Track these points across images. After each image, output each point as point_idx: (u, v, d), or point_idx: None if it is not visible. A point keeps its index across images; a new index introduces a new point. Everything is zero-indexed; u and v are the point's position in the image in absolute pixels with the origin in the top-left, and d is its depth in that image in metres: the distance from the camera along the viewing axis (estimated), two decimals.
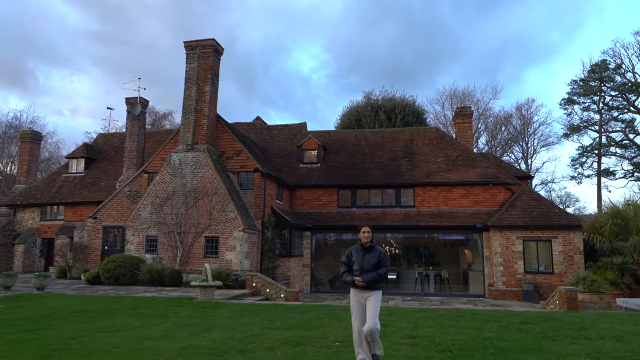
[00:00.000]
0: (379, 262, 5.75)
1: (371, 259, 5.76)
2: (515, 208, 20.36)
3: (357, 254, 5.85)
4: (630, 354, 6.37)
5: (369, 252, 5.83)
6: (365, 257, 5.79)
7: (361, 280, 5.61)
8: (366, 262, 5.74)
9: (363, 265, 5.73)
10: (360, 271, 5.72)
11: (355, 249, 5.94)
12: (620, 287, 15.41)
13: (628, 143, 43.55)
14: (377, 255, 5.79)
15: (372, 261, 5.74)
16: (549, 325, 8.61)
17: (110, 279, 16.73)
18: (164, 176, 18.71)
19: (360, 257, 5.80)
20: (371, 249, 5.86)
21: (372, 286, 5.66)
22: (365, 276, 5.62)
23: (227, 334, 7.93)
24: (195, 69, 19.36)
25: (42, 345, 7.20)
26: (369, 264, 5.72)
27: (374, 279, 5.63)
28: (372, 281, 5.61)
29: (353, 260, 5.85)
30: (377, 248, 5.91)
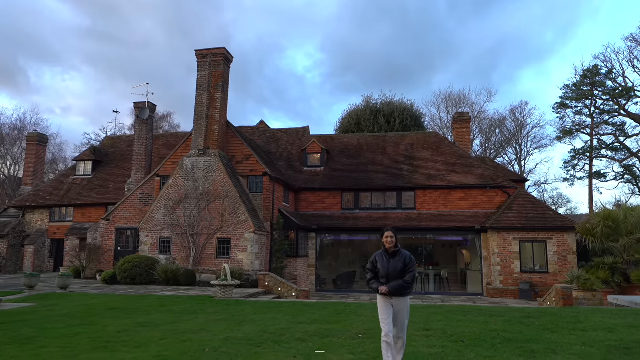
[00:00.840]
0: (404, 267, 5.54)
1: (397, 264, 5.56)
2: (512, 210, 21.32)
3: (381, 260, 5.68)
4: (620, 342, 7.26)
5: (393, 257, 5.62)
6: (390, 262, 5.59)
7: (386, 289, 5.45)
8: (391, 268, 5.55)
9: (389, 271, 5.55)
10: (386, 278, 5.54)
11: (379, 254, 5.78)
12: (611, 286, 16.41)
13: (619, 146, 44.81)
14: (403, 260, 5.57)
15: (397, 266, 5.54)
16: (548, 319, 9.51)
17: (126, 279, 17.46)
18: (176, 180, 19.47)
19: (385, 262, 5.62)
20: (396, 253, 5.65)
21: (399, 293, 5.49)
22: (391, 285, 5.45)
23: (258, 327, 8.75)
24: (207, 76, 20.12)
25: (94, 338, 7.98)
26: (395, 269, 5.53)
27: (400, 286, 5.45)
28: (399, 289, 5.45)
29: (378, 266, 5.67)
30: (403, 252, 5.68)
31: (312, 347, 7.23)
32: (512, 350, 6.86)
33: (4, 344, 7.40)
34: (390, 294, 5.45)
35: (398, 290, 5.43)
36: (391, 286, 5.42)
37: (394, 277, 5.49)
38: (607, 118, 44.88)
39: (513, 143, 53.87)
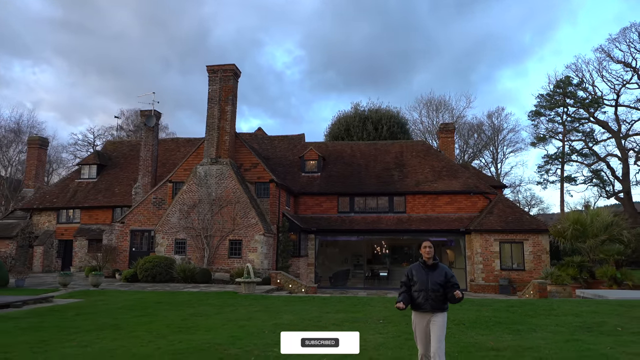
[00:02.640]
0: (446, 280, 5.26)
1: (437, 277, 5.26)
2: (492, 214, 23.67)
3: (419, 272, 5.37)
4: (583, 324, 9.43)
5: (433, 269, 5.35)
6: (429, 275, 5.30)
7: (402, 305, 5.28)
8: (431, 281, 5.25)
9: (428, 285, 5.25)
10: (424, 291, 5.23)
11: (416, 267, 5.48)
12: (579, 281, 18.81)
13: (588, 152, 48.06)
14: (444, 274, 5.30)
15: (438, 280, 5.24)
16: (528, 308, 11.69)
17: (147, 277, 19.05)
18: (190, 186, 21.12)
19: (423, 275, 5.31)
20: (435, 266, 5.38)
21: (439, 307, 5.25)
22: (458, 290, 5.22)
23: (296, 316, 10.64)
24: (217, 90, 21.82)
25: (165, 324, 9.74)
26: (435, 282, 5.23)
27: (458, 299, 5.22)
28: (456, 301, 5.25)
29: (414, 279, 5.36)
30: (442, 266, 5.43)
31: (348, 329, 9.16)
32: (503, 330, 8.94)
33: (97, 330, 9.11)
34: (433, 309, 5.23)
35: (455, 301, 5.23)
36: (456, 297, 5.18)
37: (433, 290, 5.21)
38: (577, 125, 48.10)
39: (490, 147, 56.80)
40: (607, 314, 10.52)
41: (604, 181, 47.84)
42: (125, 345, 7.82)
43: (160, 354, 7.21)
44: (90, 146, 56.74)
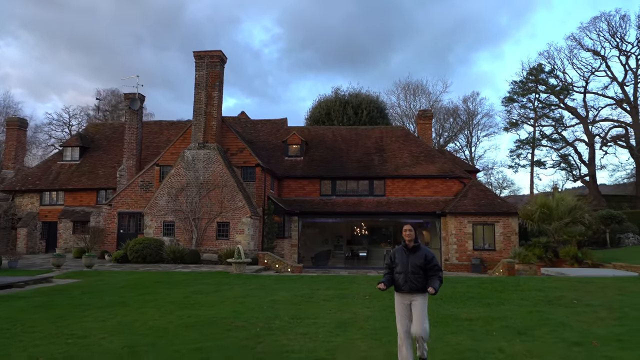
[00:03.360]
0: (426, 263, 5.41)
1: (416, 259, 5.41)
2: (467, 198, 25.03)
3: (400, 255, 5.54)
4: (545, 297, 10.68)
5: (413, 252, 5.49)
6: (410, 257, 5.45)
7: (383, 286, 5.48)
8: (411, 264, 5.41)
9: (407, 267, 5.41)
10: (404, 274, 5.40)
11: (399, 249, 5.64)
12: (544, 260, 20.38)
13: (557, 137, 50.16)
14: (424, 257, 5.43)
15: (417, 262, 5.40)
16: (497, 284, 12.95)
17: (137, 258, 19.68)
18: (178, 170, 21.66)
19: (404, 258, 5.47)
20: (416, 249, 5.51)
21: (418, 289, 5.39)
22: (433, 282, 5.34)
23: (290, 293, 11.60)
24: (204, 76, 22.23)
25: (170, 301, 10.55)
26: (414, 265, 5.39)
27: (439, 284, 5.38)
28: (437, 284, 5.36)
29: (396, 261, 5.54)
30: (423, 248, 5.55)
31: (338, 304, 10.18)
32: (475, 303, 10.10)
33: (107, 307, 9.87)
34: (411, 290, 5.38)
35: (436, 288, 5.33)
36: (435, 286, 5.32)
37: (413, 272, 5.37)
38: (548, 112, 50.05)
39: (465, 131, 58.49)
40: (566, 289, 11.84)
41: (571, 165, 50.16)
42: (139, 320, 8.63)
43: (174, 327, 8.07)
44: (65, 126, 55.98)
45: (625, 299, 10.28)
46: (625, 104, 45.09)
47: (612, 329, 7.74)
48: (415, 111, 54.15)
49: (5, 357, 6.33)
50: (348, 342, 7.03)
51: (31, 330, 7.84)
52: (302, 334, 7.57)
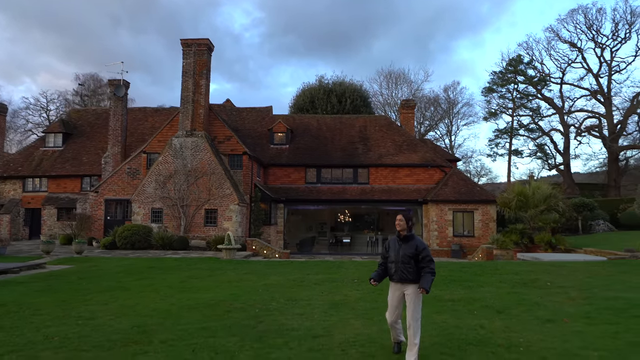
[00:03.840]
0: (416, 253, 5.36)
1: (407, 249, 5.40)
2: (447, 186, 25.86)
3: (393, 245, 5.59)
4: (521, 280, 11.46)
5: (405, 242, 5.48)
6: (402, 247, 5.47)
7: (374, 283, 5.69)
8: (402, 253, 5.43)
9: (398, 256, 5.44)
10: (395, 263, 5.46)
11: (393, 239, 5.70)
12: (520, 246, 21.38)
13: (535, 127, 51.56)
14: (415, 247, 5.40)
15: (407, 252, 5.38)
16: (477, 268, 13.73)
17: (126, 245, 19.92)
18: (166, 157, 21.84)
19: (396, 247, 5.52)
20: (408, 239, 5.49)
21: (409, 279, 5.37)
22: (424, 281, 5.27)
23: (281, 277, 12.13)
24: (192, 64, 22.33)
25: (167, 286, 10.96)
26: (405, 255, 5.38)
27: (431, 279, 5.32)
28: (429, 282, 5.28)
29: (389, 250, 5.63)
30: (416, 239, 5.52)
31: (329, 287, 10.76)
32: (457, 286, 10.81)
33: (107, 291, 10.24)
34: (401, 280, 5.43)
35: (426, 284, 5.26)
36: (426, 283, 5.26)
37: (403, 262, 5.39)
38: (526, 102, 51.35)
39: (445, 119, 59.54)
40: (540, 272, 12.67)
41: (546, 154, 51.75)
42: (140, 303, 9.05)
43: (177, 309, 8.52)
44: (43, 111, 54.96)
45: (593, 281, 11.13)
46: (599, 95, 46.60)
47: (582, 307, 8.51)
48: (397, 100, 54.88)
49: (21, 336, 6.70)
50: (342, 321, 7.61)
51: (39, 313, 8.19)
52: (299, 314, 8.12)
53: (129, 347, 6.19)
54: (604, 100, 46.18)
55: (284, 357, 5.81)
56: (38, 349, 6.13)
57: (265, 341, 6.45)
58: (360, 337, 6.66)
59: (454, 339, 6.57)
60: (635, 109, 44.60)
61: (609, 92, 45.78)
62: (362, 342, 6.43)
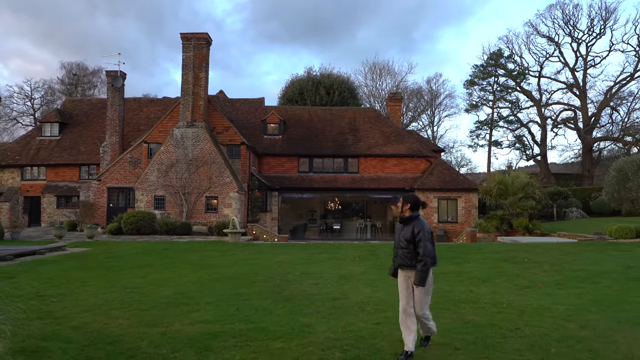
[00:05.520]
0: (413, 237, 4.91)
1: (405, 233, 4.99)
2: (433, 175, 27.45)
3: (397, 228, 5.27)
4: (502, 257, 13.04)
5: (405, 225, 5.07)
6: (400, 231, 5.11)
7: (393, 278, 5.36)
8: (399, 237, 5.07)
9: (398, 240, 5.10)
10: (395, 248, 5.13)
11: (399, 224, 5.34)
12: (500, 230, 23.12)
13: (513, 119, 53.66)
14: (411, 230, 4.93)
15: (405, 236, 4.98)
16: (463, 249, 15.29)
17: (132, 230, 20.95)
18: (167, 147, 22.83)
19: (397, 232, 5.19)
20: (409, 221, 5.03)
21: (408, 264, 4.97)
22: (415, 275, 4.87)
23: (290, 256, 13.46)
24: (191, 57, 23.26)
25: (188, 264, 12.18)
26: (402, 239, 5.01)
27: (421, 272, 4.84)
28: (418, 275, 4.85)
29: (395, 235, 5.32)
30: (416, 221, 5.00)
31: (335, 264, 12.14)
32: (447, 262, 12.31)
33: (137, 268, 11.41)
34: (400, 265, 5.07)
35: (421, 279, 4.85)
36: (419, 279, 4.84)
37: (400, 247, 5.01)
38: (505, 94, 53.35)
39: (427, 110, 61.29)
40: (519, 251, 14.29)
41: (525, 145, 53.97)
42: (173, 277, 10.27)
43: (208, 280, 9.78)
44: (28, 99, 54.74)
45: (564, 258, 12.76)
46: (575, 88, 48.83)
47: (553, 277, 10.07)
48: (381, 91, 56.37)
49: (85, 300, 7.88)
50: (354, 288, 9.00)
51: (87, 284, 9.36)
52: (315, 284, 9.48)
53: (181, 307, 7.45)
54: (579, 94, 48.42)
55: (314, 312, 7.15)
56: (106, 309, 7.34)
57: (294, 302, 7.79)
58: (372, 299, 8.06)
59: (449, 299, 8.02)
60: (608, 102, 46.96)
61: (584, 85, 48.02)
62: (374, 302, 7.82)
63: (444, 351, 5.34)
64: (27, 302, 7.63)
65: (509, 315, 6.89)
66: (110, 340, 5.66)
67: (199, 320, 6.57)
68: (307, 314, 6.96)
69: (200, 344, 5.49)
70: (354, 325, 6.39)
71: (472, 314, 7.04)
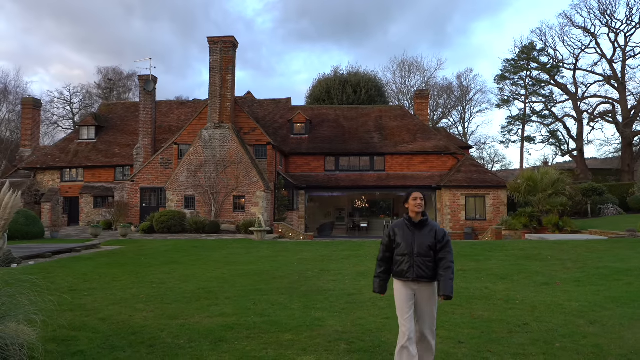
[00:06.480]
0: (436, 243, 4.14)
1: (425, 238, 4.15)
2: (460, 172, 27.19)
3: (403, 232, 4.23)
4: (525, 254, 12.91)
5: (420, 228, 4.20)
6: (416, 235, 4.17)
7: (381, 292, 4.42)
8: (418, 244, 4.13)
9: (414, 247, 4.13)
10: (409, 256, 4.12)
11: (399, 225, 4.32)
12: (529, 228, 22.67)
13: (547, 113, 52.22)
14: (434, 234, 4.17)
15: (427, 241, 4.13)
16: (486, 246, 15.19)
17: (163, 229, 21.73)
18: (196, 148, 23.54)
19: (409, 236, 4.19)
20: (424, 224, 4.23)
21: (428, 275, 4.10)
22: (446, 285, 4.05)
23: (313, 254, 13.75)
24: (218, 60, 23.89)
25: (213, 260, 12.64)
26: (423, 245, 4.12)
27: (452, 280, 4.08)
28: (451, 284, 4.06)
29: (398, 241, 4.22)
30: (432, 223, 4.27)
31: (355, 261, 12.34)
32: (467, 260, 12.31)
33: (164, 264, 11.94)
34: (418, 278, 4.10)
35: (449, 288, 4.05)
36: (447, 288, 4.05)
37: (421, 255, 4.11)
38: (538, 89, 51.96)
39: (458, 107, 60.38)
40: (543, 248, 14.09)
41: (559, 140, 52.42)
42: (197, 273, 10.72)
43: (230, 276, 10.17)
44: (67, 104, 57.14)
45: (590, 255, 12.52)
46: (613, 80, 47.05)
47: (574, 274, 9.96)
48: (410, 88, 55.89)
49: (114, 295, 8.38)
50: (369, 285, 9.14)
51: (117, 279, 9.91)
52: (332, 280, 9.72)
53: (202, 301, 7.83)
54: (617, 86, 46.63)
55: (327, 306, 7.39)
56: (132, 302, 7.80)
57: (309, 297, 8.06)
58: (385, 295, 8.21)
59: (463, 295, 8.09)
60: None
61: (623, 77, 46.19)
62: (387, 297, 7.89)
63: (447, 345, 5.49)
64: (61, 295, 8.18)
65: (520, 312, 6.94)
66: (133, 331, 6.06)
67: (216, 314, 6.92)
68: (320, 309, 7.21)
69: (215, 335, 5.82)
70: (364, 319, 6.61)
71: (483, 309, 7.12)
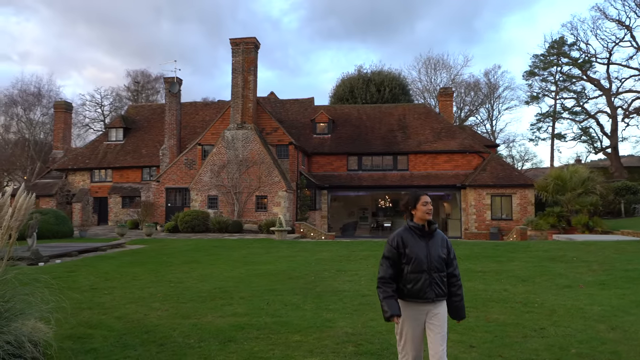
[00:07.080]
0: (448, 253, 3.70)
1: (438, 249, 3.61)
2: (485, 171, 26.64)
3: (413, 241, 3.60)
4: (549, 256, 12.54)
5: (431, 238, 3.65)
6: (429, 245, 3.60)
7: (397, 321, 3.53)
8: (434, 254, 3.58)
9: (430, 259, 3.55)
10: (427, 272, 3.53)
11: (406, 234, 3.66)
12: (558, 228, 22.02)
13: (579, 110, 50.60)
14: (445, 244, 3.71)
15: (441, 253, 3.62)
16: (510, 247, 14.83)
17: (187, 229, 22.09)
18: (219, 149, 23.84)
19: (422, 247, 3.57)
20: (433, 232, 3.67)
21: (444, 292, 3.62)
22: (459, 307, 3.70)
23: (331, 254, 13.72)
24: (240, 61, 24.11)
25: (232, 260, 12.76)
26: (438, 258, 3.59)
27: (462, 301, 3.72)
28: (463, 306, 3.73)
29: (407, 251, 3.57)
30: (437, 231, 3.73)
31: (373, 261, 12.24)
32: (489, 261, 12.04)
33: (184, 264, 12.13)
34: (437, 297, 3.57)
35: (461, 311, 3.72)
36: (459, 312, 3.71)
37: (437, 270, 3.57)
38: (569, 84, 50.40)
39: (486, 104, 59.15)
40: (569, 249, 13.66)
41: (592, 137, 50.69)
42: (215, 272, 10.85)
43: (247, 276, 10.25)
44: (98, 106, 58.74)
45: (618, 257, 12.06)
46: None
47: (599, 277, 9.61)
48: (435, 86, 55.06)
49: (132, 293, 8.56)
50: None
51: (137, 278, 10.11)
52: (348, 281, 9.67)
53: (217, 301, 7.91)
54: None
55: (340, 307, 7.35)
56: (149, 301, 7.95)
57: (323, 298, 8.03)
58: None
59: (480, 298, 7.92)
60: None
61: None
62: None
63: (457, 349, 5.38)
64: (82, 294, 8.43)
65: (537, 315, 6.74)
66: (146, 330, 6.17)
67: (229, 314, 6.98)
68: (332, 310, 7.18)
69: (225, 335, 5.86)
70: (374, 321, 6.54)
71: (498, 313, 6.95)
